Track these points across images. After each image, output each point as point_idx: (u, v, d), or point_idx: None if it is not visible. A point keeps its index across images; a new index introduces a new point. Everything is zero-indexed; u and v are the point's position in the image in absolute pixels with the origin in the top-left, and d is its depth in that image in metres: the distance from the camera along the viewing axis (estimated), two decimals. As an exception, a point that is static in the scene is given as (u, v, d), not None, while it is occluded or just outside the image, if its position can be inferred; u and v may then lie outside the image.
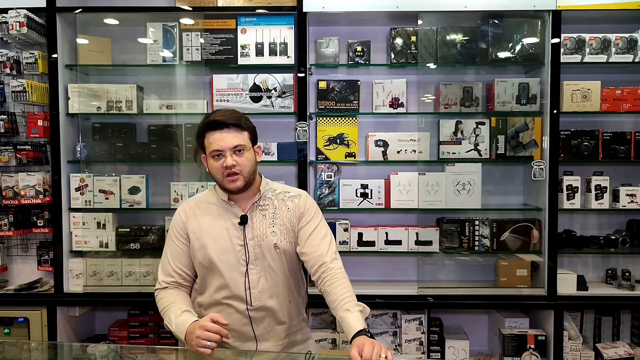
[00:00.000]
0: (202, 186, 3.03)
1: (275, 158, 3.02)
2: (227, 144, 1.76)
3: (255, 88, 3.03)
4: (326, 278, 1.75)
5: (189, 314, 1.73)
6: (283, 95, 3.03)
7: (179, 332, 1.68)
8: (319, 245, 1.81)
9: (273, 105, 3.03)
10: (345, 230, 3.03)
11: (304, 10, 2.90)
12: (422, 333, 3.01)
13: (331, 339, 3.01)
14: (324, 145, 3.06)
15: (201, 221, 1.84)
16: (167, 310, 1.78)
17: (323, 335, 3.02)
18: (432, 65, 3.04)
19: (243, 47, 3.01)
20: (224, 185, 1.79)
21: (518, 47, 2.99)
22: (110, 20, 3.11)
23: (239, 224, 1.80)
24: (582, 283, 2.98)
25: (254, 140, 1.84)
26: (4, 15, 2.83)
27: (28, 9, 2.87)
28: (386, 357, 1.50)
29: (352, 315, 1.64)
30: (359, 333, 1.59)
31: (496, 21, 2.98)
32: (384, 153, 3.04)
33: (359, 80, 3.07)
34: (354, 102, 3.07)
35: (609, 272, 3.12)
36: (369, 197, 3.04)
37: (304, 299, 1.99)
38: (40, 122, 2.96)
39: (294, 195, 1.89)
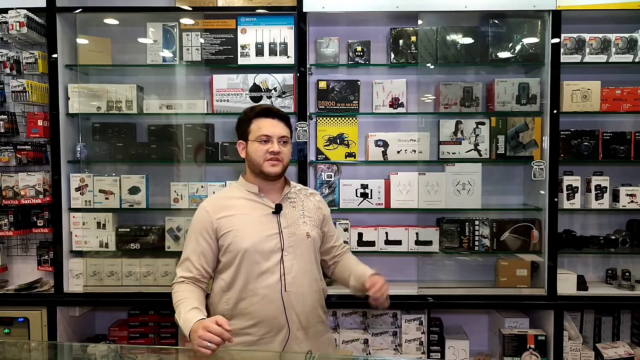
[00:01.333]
0: (201, 186, 3.04)
1: (275, 158, 3.02)
2: (276, 132, 1.89)
3: (255, 88, 3.03)
4: (341, 256, 2.11)
5: (197, 311, 1.76)
6: (283, 95, 3.03)
7: (185, 328, 1.71)
8: (337, 240, 2.14)
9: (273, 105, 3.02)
10: (346, 230, 3.03)
11: (304, 10, 2.90)
12: (422, 333, 3.01)
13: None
14: (324, 145, 3.06)
15: (232, 214, 1.90)
16: (179, 305, 1.82)
17: (323, 335, 3.02)
18: (432, 65, 3.04)
19: (243, 47, 3.01)
20: (262, 169, 1.89)
21: (518, 47, 2.99)
22: (110, 20, 3.11)
23: (273, 212, 1.90)
24: (582, 283, 2.98)
25: (291, 137, 2.01)
26: (4, 15, 2.83)
27: (28, 9, 2.87)
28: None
29: (365, 267, 2.00)
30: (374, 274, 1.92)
31: (496, 21, 2.98)
32: (384, 153, 3.04)
33: (359, 80, 3.07)
34: (354, 102, 3.07)
35: (609, 272, 3.12)
36: (369, 197, 3.04)
37: (324, 292, 2.07)
38: (40, 122, 2.96)
39: (312, 192, 2.10)
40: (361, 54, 3.05)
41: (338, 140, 3.06)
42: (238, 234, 1.86)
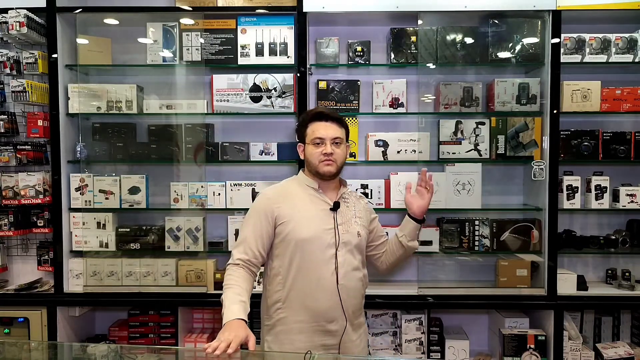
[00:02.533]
0: (201, 186, 3.04)
1: (275, 158, 3.02)
2: (328, 134, 2.00)
3: (255, 88, 3.03)
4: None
5: (242, 306, 1.82)
6: (283, 95, 3.03)
7: (225, 317, 1.79)
8: (384, 237, 2.27)
9: (273, 105, 3.03)
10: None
11: (304, 10, 2.90)
12: (422, 333, 3.01)
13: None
14: (324, 145, 3.05)
15: (293, 205, 2.01)
16: (228, 288, 1.89)
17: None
18: (432, 65, 3.04)
19: (243, 47, 3.01)
20: (317, 169, 2.01)
21: (518, 47, 2.99)
22: (110, 20, 3.11)
23: (331, 209, 2.02)
24: (582, 283, 2.98)
25: (347, 137, 2.11)
26: (4, 15, 2.83)
27: (28, 9, 2.87)
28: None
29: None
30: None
31: (496, 21, 2.98)
32: (384, 153, 3.04)
33: (359, 80, 3.07)
34: (354, 102, 3.07)
35: (609, 272, 3.12)
36: (369, 197, 3.03)
37: (365, 287, 2.16)
38: (40, 122, 2.96)
39: (360, 195, 2.27)
40: (361, 54, 3.05)
41: (338, 140, 3.05)
42: (297, 224, 1.97)
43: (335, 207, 2.02)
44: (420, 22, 2.98)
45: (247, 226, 2.01)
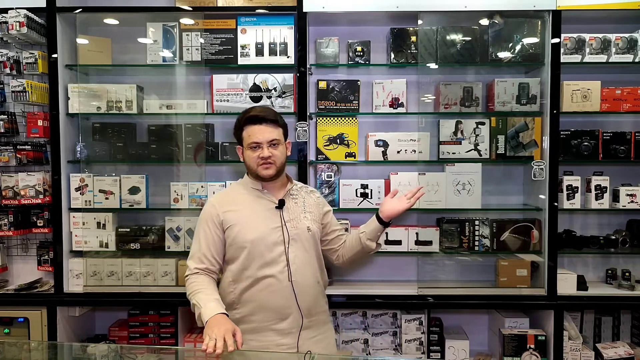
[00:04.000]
0: (201, 186, 3.04)
1: (275, 158, 3.02)
2: (264, 137, 1.97)
3: (255, 88, 3.03)
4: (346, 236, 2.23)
5: (218, 303, 1.86)
6: (283, 95, 3.03)
7: (205, 315, 1.80)
8: (341, 230, 2.25)
9: (273, 105, 3.02)
10: (346, 230, 3.03)
11: (304, 10, 2.90)
12: (422, 333, 3.01)
13: (331, 339, 3.01)
14: (324, 145, 3.06)
15: (238, 209, 2.01)
16: (196, 293, 1.90)
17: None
18: (432, 65, 3.04)
19: (243, 47, 3.01)
20: (257, 173, 2.00)
21: (518, 47, 2.99)
22: (110, 20, 3.11)
23: (277, 207, 2.01)
24: (582, 283, 2.98)
25: (286, 135, 2.08)
26: (4, 15, 2.83)
27: (28, 9, 2.87)
28: None
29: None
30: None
31: (496, 21, 2.98)
32: (384, 153, 3.04)
33: (359, 80, 3.07)
34: (354, 102, 3.07)
35: (609, 272, 3.12)
36: (369, 197, 3.03)
37: (325, 284, 2.17)
38: (40, 122, 2.96)
39: (312, 189, 2.21)
40: (361, 54, 3.05)
41: (338, 140, 3.06)
42: (243, 227, 1.97)
43: (281, 204, 2.01)
44: (420, 22, 2.98)
45: (198, 236, 2.01)
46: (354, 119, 3.07)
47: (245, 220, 1.98)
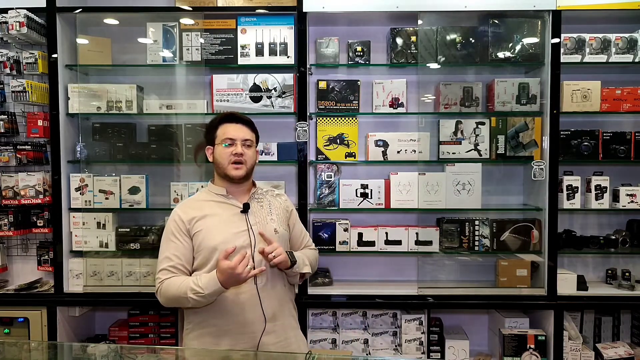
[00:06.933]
0: (201, 186, 3.03)
1: (275, 158, 3.02)
2: (239, 135, 2.01)
3: (255, 88, 3.03)
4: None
5: (205, 274, 1.87)
6: (283, 95, 3.03)
7: (211, 286, 1.81)
8: (302, 240, 2.23)
9: (273, 105, 3.03)
10: (345, 230, 3.03)
11: (304, 10, 2.90)
12: (422, 333, 3.01)
13: (331, 339, 3.01)
14: (324, 145, 3.06)
15: (203, 215, 1.99)
16: (182, 284, 1.87)
17: (323, 336, 3.02)
18: (432, 65, 3.04)
19: (243, 47, 3.01)
20: (227, 172, 1.99)
21: (518, 47, 2.99)
22: (110, 20, 3.11)
23: (242, 211, 2.00)
24: (582, 283, 2.98)
25: (257, 142, 2.11)
26: (4, 15, 2.83)
27: (28, 9, 2.87)
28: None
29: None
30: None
31: (496, 21, 2.98)
32: (384, 153, 3.04)
33: (359, 80, 3.07)
34: (354, 102, 3.07)
35: (609, 272, 3.12)
36: (369, 197, 3.04)
37: (293, 292, 2.16)
38: (40, 122, 2.96)
39: (278, 192, 2.21)
40: (361, 54, 3.05)
41: (338, 140, 3.06)
42: (208, 233, 1.96)
43: (245, 208, 2.00)
44: (420, 22, 2.98)
45: (166, 248, 1.98)
46: (354, 119, 3.07)
47: (210, 225, 1.96)
